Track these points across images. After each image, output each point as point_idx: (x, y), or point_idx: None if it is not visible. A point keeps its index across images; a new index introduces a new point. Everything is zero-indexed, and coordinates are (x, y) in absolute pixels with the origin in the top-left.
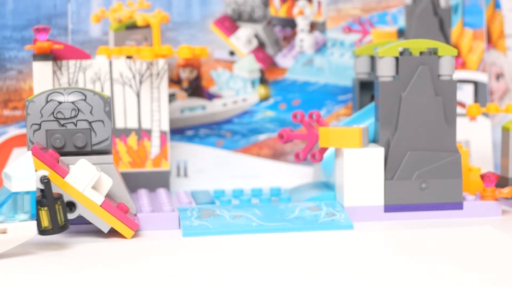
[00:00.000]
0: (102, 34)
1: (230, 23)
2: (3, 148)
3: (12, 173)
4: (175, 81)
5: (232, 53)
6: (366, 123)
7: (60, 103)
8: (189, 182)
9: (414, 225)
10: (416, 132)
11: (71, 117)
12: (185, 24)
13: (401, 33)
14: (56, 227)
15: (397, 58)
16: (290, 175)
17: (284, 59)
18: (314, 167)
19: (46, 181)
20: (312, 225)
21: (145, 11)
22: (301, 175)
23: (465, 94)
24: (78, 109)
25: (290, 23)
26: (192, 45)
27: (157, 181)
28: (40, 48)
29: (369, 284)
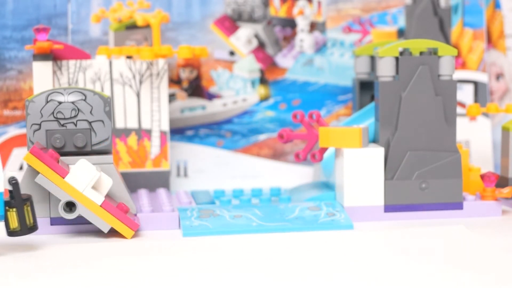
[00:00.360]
0: (102, 34)
1: (230, 23)
2: (3, 148)
3: None
4: (175, 81)
5: (232, 53)
6: (366, 123)
7: (60, 103)
8: (189, 182)
9: (414, 225)
10: (416, 132)
11: (71, 117)
12: (185, 24)
13: (401, 33)
14: (25, 229)
15: (397, 58)
16: (290, 175)
17: (284, 59)
18: (314, 167)
19: (14, 182)
20: (312, 225)
21: (145, 11)
22: (301, 175)
23: (465, 94)
24: (78, 109)
25: (290, 23)
26: (192, 45)
27: (157, 181)
28: (40, 48)
29: (369, 284)
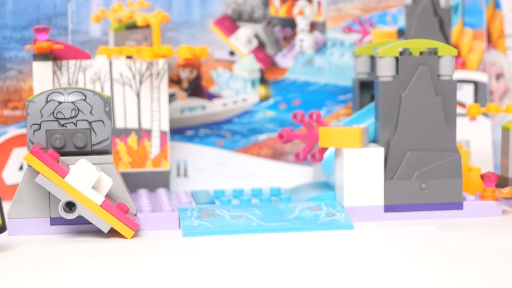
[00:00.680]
0: (102, 34)
1: (230, 23)
2: (3, 148)
3: None
4: (175, 81)
5: (232, 53)
6: (366, 123)
7: (60, 103)
8: (189, 182)
9: (414, 225)
10: (416, 132)
11: (71, 117)
12: (185, 24)
13: (401, 33)
14: None
15: (397, 58)
16: (290, 175)
17: (284, 59)
18: (314, 167)
19: None
20: (312, 225)
21: (145, 11)
22: (301, 175)
23: (465, 94)
24: (78, 109)
25: (290, 23)
26: (192, 45)
27: (157, 181)
28: (40, 48)
29: (369, 284)
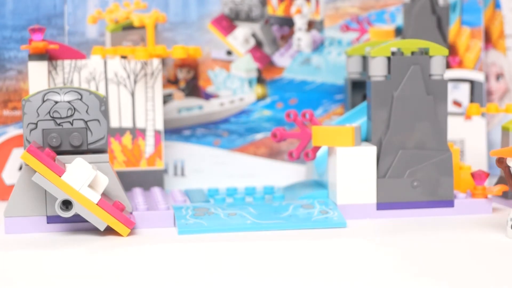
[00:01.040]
0: (99, 35)
1: (228, 23)
2: (3, 148)
3: None
4: (173, 81)
5: (230, 53)
6: (359, 122)
7: (57, 103)
8: (186, 182)
9: (406, 223)
10: (408, 131)
11: (67, 116)
12: (182, 24)
13: (399, 32)
14: None
15: (389, 58)
16: (284, 174)
17: (281, 58)
18: (307, 166)
19: None
20: (306, 223)
21: (142, 12)
22: (294, 174)
23: (462, 93)
24: (74, 108)
25: (288, 22)
26: (190, 45)
27: (152, 180)
28: (36, 48)
29: (364, 282)
